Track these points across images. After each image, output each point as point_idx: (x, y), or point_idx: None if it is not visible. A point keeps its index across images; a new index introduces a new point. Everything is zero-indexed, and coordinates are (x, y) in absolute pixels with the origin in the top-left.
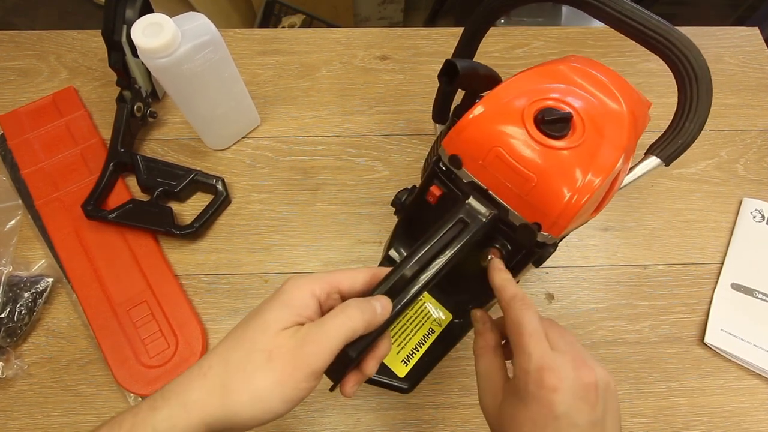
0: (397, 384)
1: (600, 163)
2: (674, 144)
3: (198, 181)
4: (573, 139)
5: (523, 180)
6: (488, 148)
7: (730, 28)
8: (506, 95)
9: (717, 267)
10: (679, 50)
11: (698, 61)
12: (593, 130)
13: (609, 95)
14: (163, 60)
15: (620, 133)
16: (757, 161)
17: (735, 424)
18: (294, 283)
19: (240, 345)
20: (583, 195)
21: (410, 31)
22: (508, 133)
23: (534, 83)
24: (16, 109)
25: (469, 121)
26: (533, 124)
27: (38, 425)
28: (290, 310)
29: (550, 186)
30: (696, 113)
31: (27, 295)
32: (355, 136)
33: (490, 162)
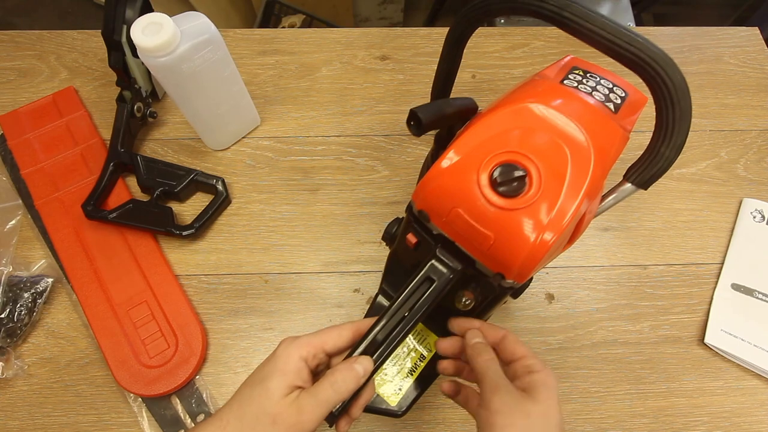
0: (390, 409)
1: (558, 214)
2: (650, 170)
3: (198, 181)
4: (528, 197)
5: (482, 238)
6: (449, 208)
7: (730, 28)
8: (467, 147)
9: (717, 267)
10: (655, 70)
11: (676, 80)
12: (552, 179)
13: (571, 140)
14: (162, 59)
15: (582, 177)
16: (757, 161)
17: (735, 425)
18: (285, 349)
19: (250, 407)
20: (542, 248)
21: (410, 31)
22: (466, 193)
23: (496, 130)
24: (16, 109)
25: (432, 176)
26: (489, 186)
27: (38, 425)
28: (287, 379)
29: (508, 243)
30: (672, 139)
31: (27, 295)
32: (355, 136)
33: (452, 219)
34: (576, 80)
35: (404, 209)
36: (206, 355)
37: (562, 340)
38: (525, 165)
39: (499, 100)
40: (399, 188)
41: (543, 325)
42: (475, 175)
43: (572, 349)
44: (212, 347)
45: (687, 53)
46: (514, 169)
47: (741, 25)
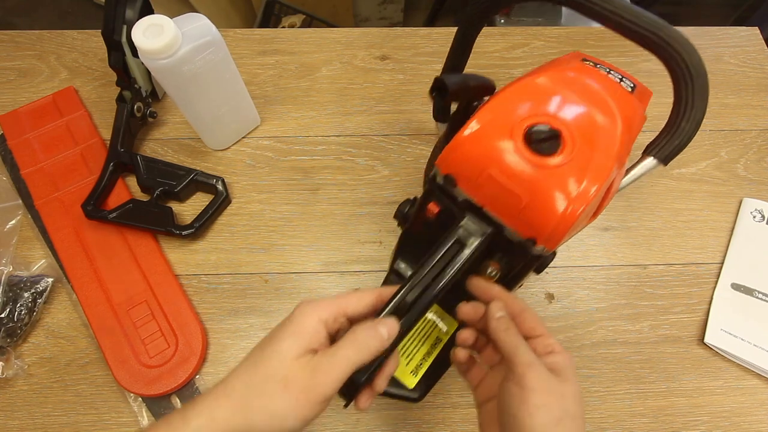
0: (407, 395)
1: (590, 177)
2: (671, 144)
3: (198, 181)
4: (563, 156)
5: (515, 199)
6: (480, 169)
7: (730, 28)
8: (497, 112)
9: (717, 267)
10: (673, 48)
11: (693, 58)
12: (584, 143)
13: (601, 104)
14: (163, 61)
15: (612, 142)
16: (757, 161)
17: (735, 424)
18: (302, 310)
19: (259, 371)
20: (575, 211)
21: (410, 31)
22: (499, 154)
23: (525, 97)
24: (16, 109)
25: (461, 141)
26: (523, 144)
27: (38, 425)
28: (301, 340)
29: (542, 204)
30: (692, 113)
31: (27, 295)
32: (355, 136)
33: (483, 182)
34: (592, 63)
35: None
36: (206, 354)
37: (561, 340)
38: (558, 126)
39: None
40: (399, 188)
41: None
42: (508, 135)
43: (572, 348)
44: (212, 347)
45: None
46: (548, 129)
47: (741, 25)
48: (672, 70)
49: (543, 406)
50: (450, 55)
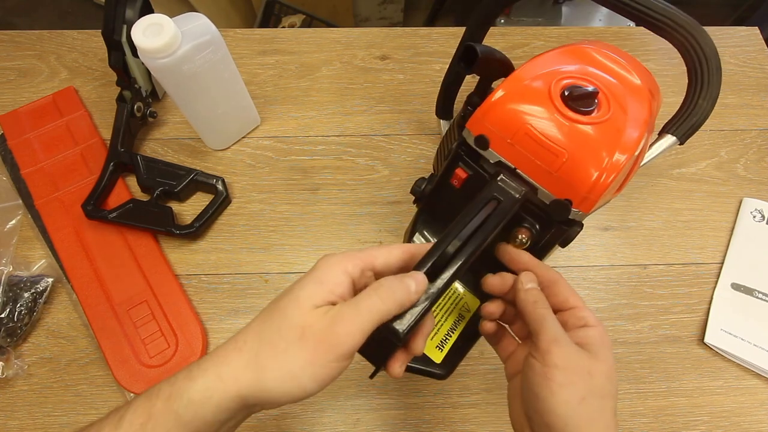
0: (434, 371)
1: (626, 138)
2: (689, 122)
3: (198, 181)
4: (600, 115)
5: (553, 156)
6: (517, 127)
7: (730, 28)
8: (530, 75)
9: (717, 267)
10: (687, 31)
11: (706, 40)
12: (617, 106)
13: (629, 72)
14: (163, 60)
15: (642, 109)
16: (757, 161)
17: (735, 424)
18: (327, 260)
19: (273, 320)
20: (612, 171)
21: (410, 31)
22: (537, 111)
23: (555, 64)
24: (16, 109)
25: (496, 101)
26: (561, 101)
27: (38, 425)
28: (323, 288)
29: (581, 161)
30: (708, 90)
31: (27, 295)
32: (355, 136)
33: (518, 140)
34: None
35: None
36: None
37: None
38: (596, 86)
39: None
40: (399, 188)
41: None
42: (546, 93)
43: None
44: (212, 347)
45: None
46: (588, 90)
47: (741, 25)
48: (686, 52)
49: (567, 384)
50: (467, 36)
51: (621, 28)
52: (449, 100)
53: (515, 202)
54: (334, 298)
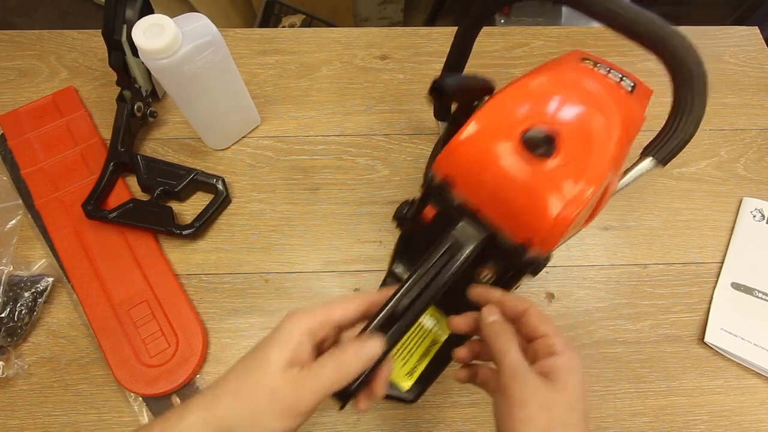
0: (402, 396)
1: (586, 181)
2: (670, 144)
3: (198, 181)
4: (559, 159)
5: (511, 202)
6: (476, 172)
7: (730, 27)
8: (494, 114)
9: (717, 266)
10: (673, 47)
11: (693, 58)
12: (580, 146)
13: (598, 107)
14: (164, 61)
15: (608, 146)
16: (757, 161)
17: (735, 423)
18: (289, 320)
19: (247, 379)
20: (570, 214)
21: (410, 30)
22: (495, 157)
23: (523, 99)
24: (16, 109)
25: (457, 144)
26: (519, 146)
27: (38, 425)
28: (287, 352)
29: (538, 207)
30: (692, 112)
31: (27, 294)
32: (355, 136)
33: (478, 185)
34: (592, 63)
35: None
36: (207, 354)
37: None
38: (555, 128)
39: (516, 79)
40: (399, 188)
41: None
42: (505, 137)
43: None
44: (213, 346)
45: None
46: (544, 132)
47: (741, 24)
48: (671, 70)
49: (527, 420)
50: (450, 54)
51: None
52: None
53: (471, 250)
54: (299, 358)
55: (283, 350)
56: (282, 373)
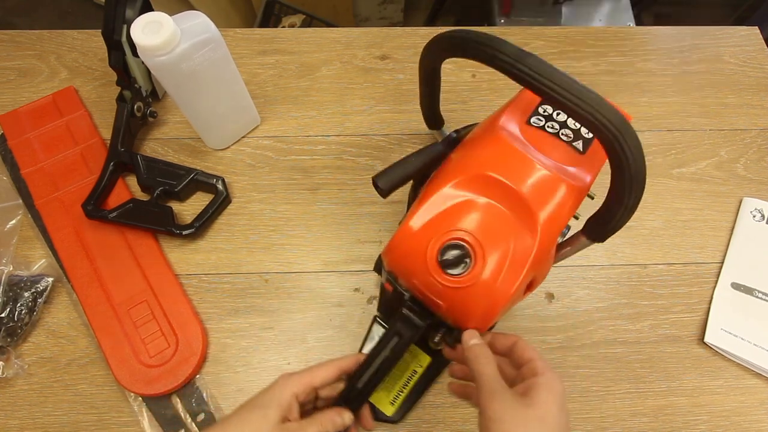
0: (387, 418)
1: (502, 286)
2: (605, 227)
3: (198, 181)
4: (474, 273)
5: (436, 305)
6: (407, 276)
7: (730, 27)
8: (420, 221)
9: (717, 266)
10: (610, 132)
11: (630, 146)
12: (498, 254)
13: (517, 209)
14: (162, 58)
15: (528, 247)
16: (757, 161)
17: (735, 424)
18: (283, 384)
19: (249, 427)
20: (496, 308)
21: (410, 31)
22: (419, 270)
23: (446, 203)
24: (16, 109)
25: (392, 246)
26: (436, 266)
27: (38, 425)
28: (281, 409)
29: (461, 311)
30: (624, 201)
31: (27, 294)
32: (355, 136)
33: (412, 287)
34: (543, 117)
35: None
36: (206, 354)
37: (561, 340)
38: (470, 243)
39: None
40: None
41: (543, 325)
42: (424, 255)
43: (572, 348)
44: (212, 346)
45: (687, 53)
46: (459, 250)
47: (741, 24)
48: (609, 154)
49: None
50: (422, 89)
51: (621, 28)
52: (432, 109)
53: (416, 333)
54: (288, 416)
55: (278, 409)
56: (277, 425)
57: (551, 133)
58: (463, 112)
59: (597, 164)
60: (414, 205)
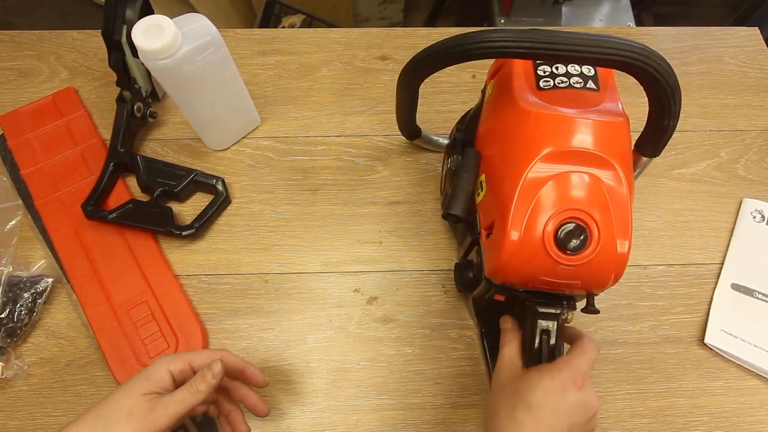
0: None
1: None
2: (662, 142)
3: (198, 181)
4: (594, 240)
5: (570, 287)
6: (530, 279)
7: (730, 28)
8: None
9: (717, 267)
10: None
11: (663, 65)
12: (605, 216)
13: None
14: (163, 61)
15: (621, 192)
16: (757, 161)
17: (735, 425)
18: (156, 362)
19: (109, 404)
20: (624, 264)
21: (410, 31)
22: (543, 265)
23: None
24: (16, 109)
25: (504, 261)
26: (558, 251)
27: (38, 425)
28: (149, 382)
29: (597, 276)
30: (672, 111)
31: (27, 295)
32: (355, 136)
33: (537, 285)
34: (549, 77)
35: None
36: None
37: None
38: (577, 217)
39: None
40: (399, 188)
41: None
42: (544, 251)
43: None
44: (212, 347)
45: (687, 53)
46: (573, 228)
47: (741, 25)
48: (647, 80)
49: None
50: (402, 107)
51: (621, 28)
52: (410, 117)
53: (559, 320)
54: (157, 389)
55: (143, 382)
56: (140, 396)
57: (565, 88)
58: (463, 113)
59: (614, 91)
60: (499, 219)
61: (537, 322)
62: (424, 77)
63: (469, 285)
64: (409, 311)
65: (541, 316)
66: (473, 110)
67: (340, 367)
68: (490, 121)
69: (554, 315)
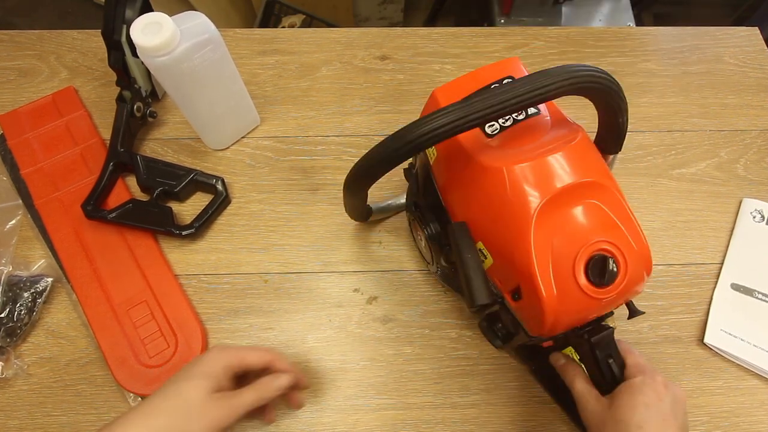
0: None
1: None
2: (621, 137)
3: (198, 181)
4: (623, 264)
5: (609, 310)
6: (577, 322)
7: (730, 28)
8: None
9: (717, 267)
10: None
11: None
12: (616, 232)
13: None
14: (162, 58)
15: (617, 201)
16: (757, 161)
17: (734, 425)
18: (214, 356)
19: (179, 399)
20: (649, 270)
21: (410, 31)
22: (586, 309)
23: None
24: (16, 109)
25: (550, 324)
26: (598, 290)
27: (38, 425)
28: (213, 380)
29: (632, 294)
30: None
31: (27, 294)
32: (355, 136)
33: (582, 321)
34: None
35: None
36: None
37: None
38: (601, 248)
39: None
40: (399, 188)
41: None
42: (581, 292)
43: None
44: (212, 347)
45: (687, 53)
46: (601, 261)
47: (741, 25)
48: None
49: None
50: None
51: (621, 28)
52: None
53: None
54: (220, 386)
55: (209, 381)
56: (209, 395)
57: (511, 125)
58: None
59: (558, 110)
60: (525, 283)
61: (596, 352)
62: (372, 183)
63: (504, 338)
64: (409, 311)
65: (597, 344)
66: (417, 168)
67: (339, 366)
68: (454, 186)
69: (607, 336)
